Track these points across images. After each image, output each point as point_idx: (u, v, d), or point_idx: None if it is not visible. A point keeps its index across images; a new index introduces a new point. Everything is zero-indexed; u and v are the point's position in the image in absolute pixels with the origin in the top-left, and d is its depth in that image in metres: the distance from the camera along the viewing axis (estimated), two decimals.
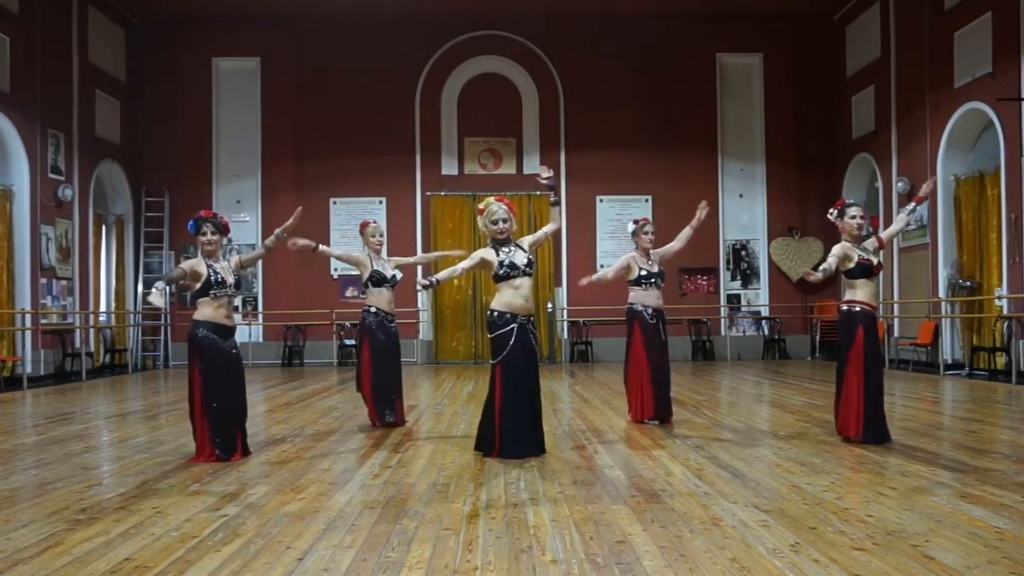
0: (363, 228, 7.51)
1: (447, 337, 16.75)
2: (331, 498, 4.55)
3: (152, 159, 16.67)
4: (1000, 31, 11.82)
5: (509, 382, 5.62)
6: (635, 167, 16.84)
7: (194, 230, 5.72)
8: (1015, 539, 3.59)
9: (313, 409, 8.86)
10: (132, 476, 5.26)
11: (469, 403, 9.22)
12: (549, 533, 3.77)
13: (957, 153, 13.27)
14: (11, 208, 13.03)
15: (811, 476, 4.93)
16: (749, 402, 9.48)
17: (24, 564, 3.43)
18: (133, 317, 16.42)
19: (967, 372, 12.36)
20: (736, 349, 16.79)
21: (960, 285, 12.92)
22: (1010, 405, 8.72)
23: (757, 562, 3.31)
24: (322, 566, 3.35)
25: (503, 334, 5.64)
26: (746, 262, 17.19)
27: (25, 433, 7.56)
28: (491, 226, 5.73)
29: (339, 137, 16.76)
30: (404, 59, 16.81)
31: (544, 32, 16.86)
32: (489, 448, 5.71)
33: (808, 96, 17.16)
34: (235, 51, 16.83)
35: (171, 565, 3.37)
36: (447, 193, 16.71)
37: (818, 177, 16.96)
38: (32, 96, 13.34)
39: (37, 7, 13.48)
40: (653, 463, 5.45)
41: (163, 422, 8.00)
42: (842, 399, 6.08)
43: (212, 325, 5.69)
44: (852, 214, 6.11)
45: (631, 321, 7.28)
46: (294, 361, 16.50)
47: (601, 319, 16.30)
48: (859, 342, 5.98)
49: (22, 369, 12.39)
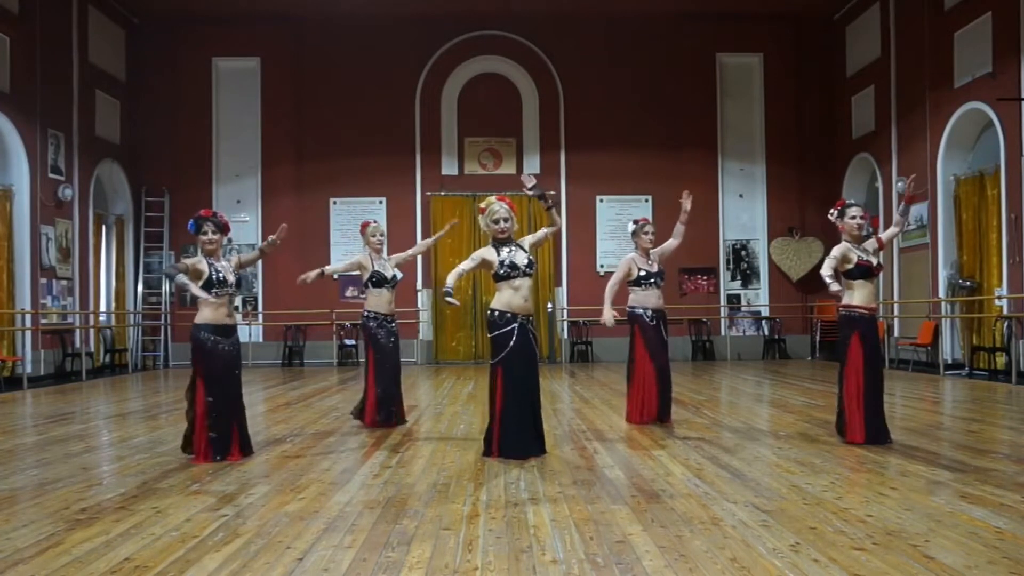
0: (363, 228, 7.52)
1: (447, 337, 16.75)
2: (331, 498, 4.55)
3: (152, 159, 16.67)
4: (1000, 31, 11.82)
5: (509, 382, 5.62)
6: (635, 167, 16.84)
7: (194, 229, 5.72)
8: (1015, 539, 3.59)
9: (313, 409, 8.86)
10: (132, 476, 5.26)
11: (469, 403, 9.22)
12: (549, 533, 3.77)
13: (957, 153, 13.27)
14: (11, 208, 13.03)
15: (811, 476, 4.93)
16: (749, 402, 9.47)
17: (24, 564, 3.43)
18: (133, 317, 16.42)
19: (967, 372, 12.36)
20: (736, 349, 16.79)
21: (960, 285, 12.92)
22: (1010, 405, 8.72)
23: (757, 562, 3.31)
24: (322, 566, 3.35)
25: (503, 334, 5.64)
26: (746, 262, 17.19)
27: (25, 433, 7.56)
28: (492, 225, 5.74)
29: (339, 137, 16.76)
30: (404, 59, 16.82)
31: (544, 32, 16.87)
32: (488, 448, 5.71)
33: (808, 96, 17.16)
34: (235, 51, 16.83)
35: (171, 565, 3.37)
36: (447, 193, 16.71)
37: (818, 177, 16.96)
38: (32, 96, 13.35)
39: (37, 7, 13.48)
40: (653, 463, 5.45)
41: (163, 422, 8.00)
42: (844, 407, 6.07)
43: (213, 326, 5.70)
44: (852, 214, 6.11)
45: (631, 324, 7.26)
46: (294, 361, 16.50)
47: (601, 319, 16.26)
48: (855, 347, 5.98)
49: (22, 369, 12.38)
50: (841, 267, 6.02)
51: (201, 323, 5.70)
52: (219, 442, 5.65)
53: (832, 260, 5.97)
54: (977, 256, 12.80)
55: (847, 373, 6.01)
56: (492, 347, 5.72)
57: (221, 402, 5.66)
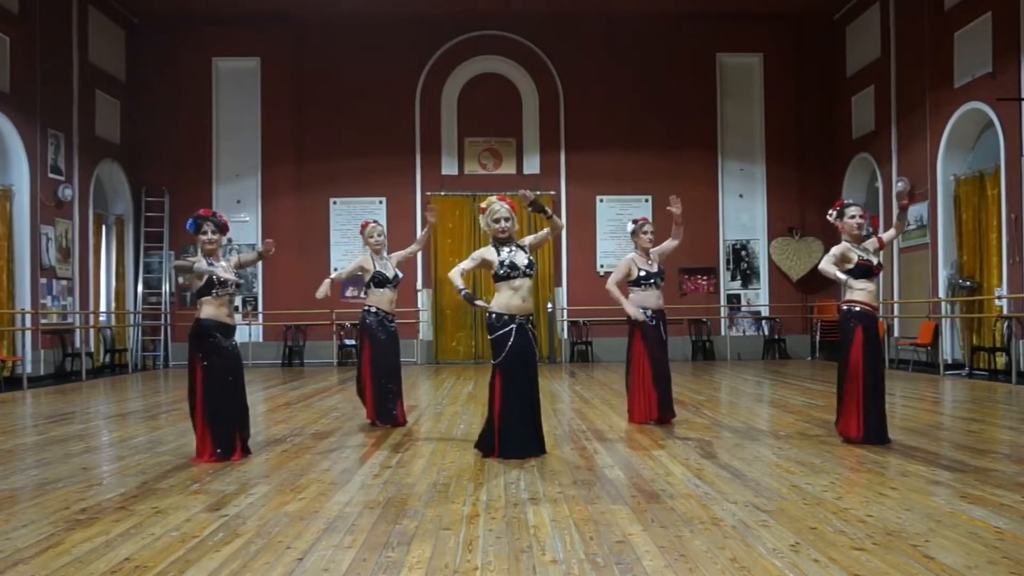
0: (363, 228, 7.52)
1: (447, 337, 16.75)
2: (331, 498, 4.55)
3: (152, 159, 16.67)
4: (1000, 31, 11.82)
5: (509, 382, 5.62)
6: (635, 167, 16.84)
7: (194, 229, 5.72)
8: (1015, 539, 3.59)
9: (313, 409, 8.86)
10: (132, 476, 5.26)
11: (469, 403, 9.22)
12: (549, 533, 3.77)
13: (957, 153, 13.27)
14: (11, 208, 13.02)
15: (811, 476, 4.93)
16: (749, 402, 9.47)
17: (24, 564, 3.43)
18: (133, 317, 16.42)
19: (967, 372, 12.36)
20: (736, 349, 16.79)
21: (960, 285, 12.92)
22: (1010, 405, 8.72)
23: (757, 562, 3.31)
24: (322, 566, 3.35)
25: (502, 335, 5.64)
26: (746, 262, 17.19)
27: (25, 433, 7.56)
28: (493, 225, 5.73)
29: (339, 137, 16.77)
30: (404, 59, 16.82)
31: (544, 32, 16.86)
32: (488, 449, 5.71)
33: (808, 96, 17.16)
34: (235, 51, 16.83)
35: (171, 565, 3.37)
36: (447, 193, 16.71)
37: (818, 177, 16.96)
38: (32, 96, 13.34)
39: (37, 7, 13.48)
40: (653, 463, 5.45)
41: (163, 422, 8.00)
42: (843, 400, 6.08)
43: (215, 324, 5.69)
44: (852, 214, 6.11)
45: (631, 324, 7.24)
46: (294, 361, 16.50)
47: (601, 319, 16.30)
48: (858, 342, 5.97)
49: (22, 369, 12.38)
50: (841, 266, 6.02)
51: (204, 319, 5.69)
52: (224, 445, 5.65)
53: (831, 257, 5.98)
54: (977, 256, 12.80)
55: (849, 370, 6.00)
56: (492, 348, 5.72)
57: (224, 404, 5.66)
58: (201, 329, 5.68)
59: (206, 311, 5.70)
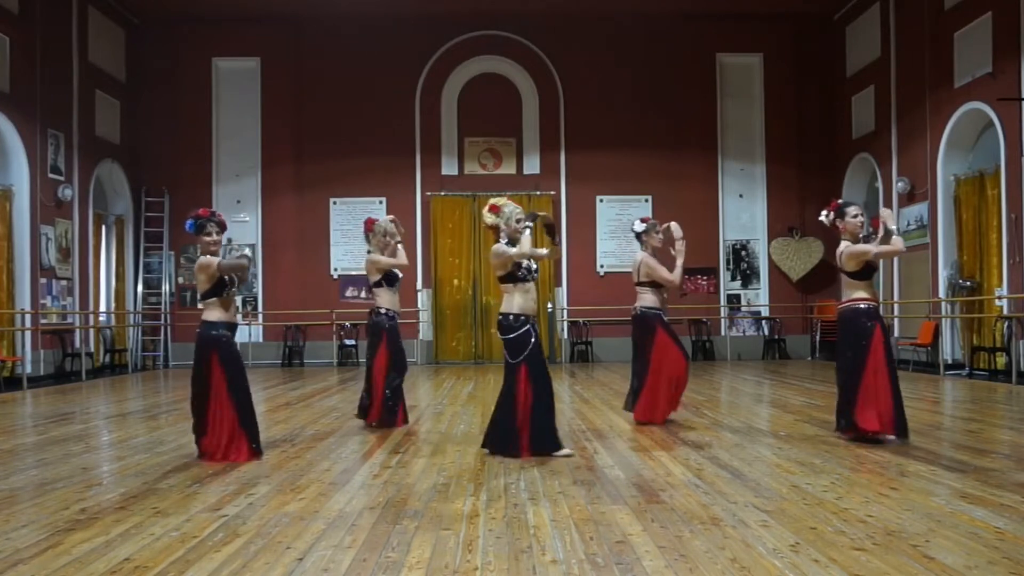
0: (370, 225, 7.38)
1: (447, 337, 16.74)
2: (331, 498, 4.55)
3: (152, 159, 16.67)
4: (1000, 31, 11.82)
5: (537, 378, 5.71)
6: (635, 167, 16.83)
7: (195, 229, 5.68)
8: (1015, 539, 3.59)
9: (313, 409, 8.85)
10: (132, 476, 5.26)
11: (469, 403, 9.22)
12: (549, 533, 3.77)
13: (957, 153, 13.26)
14: (11, 208, 13.02)
15: (811, 476, 4.93)
16: (749, 402, 9.47)
17: (24, 564, 3.43)
18: (133, 317, 16.41)
19: (967, 372, 12.35)
20: (736, 349, 16.79)
21: (960, 285, 12.91)
22: (1010, 405, 8.72)
23: (757, 562, 3.31)
24: (322, 566, 3.35)
25: (523, 334, 5.70)
26: (746, 262, 17.19)
27: (25, 433, 7.56)
28: (515, 224, 5.74)
29: (339, 137, 16.76)
30: (404, 59, 16.81)
31: (544, 32, 16.86)
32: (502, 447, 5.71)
33: (808, 96, 17.15)
34: (235, 51, 16.82)
35: (171, 565, 3.37)
36: (447, 193, 16.70)
37: (818, 177, 16.95)
38: (32, 96, 13.34)
39: (37, 7, 13.48)
40: (653, 463, 5.45)
41: (163, 422, 8.00)
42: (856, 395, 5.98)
43: (227, 324, 5.70)
44: (854, 213, 6.11)
45: (651, 323, 7.12)
46: (294, 361, 16.50)
47: (601, 319, 16.30)
48: (878, 337, 5.96)
49: (22, 369, 12.37)
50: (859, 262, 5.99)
51: (216, 320, 5.67)
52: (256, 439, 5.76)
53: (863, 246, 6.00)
54: (977, 256, 12.80)
55: (868, 366, 5.93)
56: (510, 348, 5.74)
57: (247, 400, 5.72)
58: (215, 331, 5.65)
59: (216, 313, 5.67)
